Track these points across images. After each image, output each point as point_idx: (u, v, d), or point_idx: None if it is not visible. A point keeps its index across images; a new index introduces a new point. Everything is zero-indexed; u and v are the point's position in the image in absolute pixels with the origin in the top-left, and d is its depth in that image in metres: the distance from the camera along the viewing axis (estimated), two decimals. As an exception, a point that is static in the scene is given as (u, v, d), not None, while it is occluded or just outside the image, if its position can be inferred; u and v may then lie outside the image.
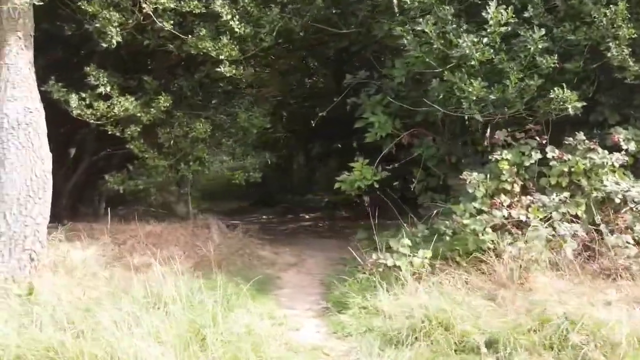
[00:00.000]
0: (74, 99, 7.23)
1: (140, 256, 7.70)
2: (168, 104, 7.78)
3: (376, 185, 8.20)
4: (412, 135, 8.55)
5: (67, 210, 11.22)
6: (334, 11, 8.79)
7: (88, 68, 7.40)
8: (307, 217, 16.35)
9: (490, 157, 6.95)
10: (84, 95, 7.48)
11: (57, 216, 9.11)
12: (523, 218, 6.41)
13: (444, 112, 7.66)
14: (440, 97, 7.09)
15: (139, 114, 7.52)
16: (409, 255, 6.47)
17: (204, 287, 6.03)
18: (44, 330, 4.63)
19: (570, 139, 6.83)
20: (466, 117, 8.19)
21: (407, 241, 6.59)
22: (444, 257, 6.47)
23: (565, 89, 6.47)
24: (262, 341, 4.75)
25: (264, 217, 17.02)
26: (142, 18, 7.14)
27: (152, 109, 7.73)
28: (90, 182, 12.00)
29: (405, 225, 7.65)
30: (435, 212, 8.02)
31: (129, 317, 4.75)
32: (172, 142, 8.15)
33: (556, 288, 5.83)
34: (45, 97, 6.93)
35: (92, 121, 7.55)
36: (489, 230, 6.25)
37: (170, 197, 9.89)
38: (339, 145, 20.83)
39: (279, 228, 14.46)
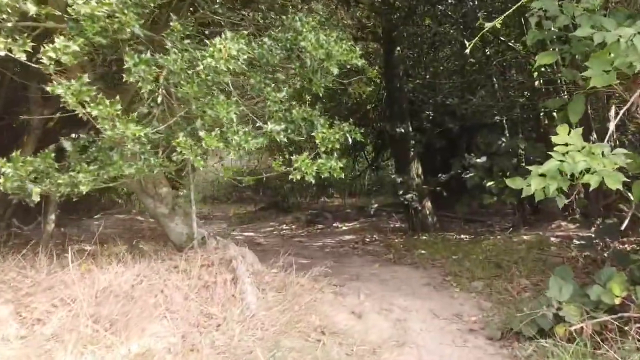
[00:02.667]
0: None
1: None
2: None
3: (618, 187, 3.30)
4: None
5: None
6: None
7: None
8: (343, 228, 11.48)
9: None
10: None
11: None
12: None
13: None
14: None
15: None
16: None
17: None
18: None
19: None
20: None
21: None
22: None
23: None
24: None
25: (284, 227, 12.20)
26: None
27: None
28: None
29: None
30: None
31: None
32: (160, 87, 3.22)
33: None
34: None
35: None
36: None
37: (159, 205, 4.93)
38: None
39: (313, 245, 9.65)
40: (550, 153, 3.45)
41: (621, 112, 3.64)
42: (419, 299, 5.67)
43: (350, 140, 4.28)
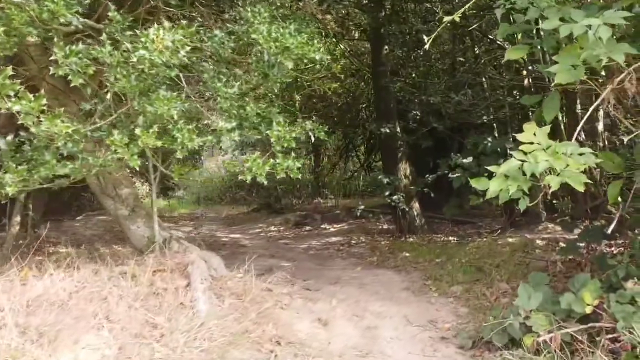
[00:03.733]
0: None
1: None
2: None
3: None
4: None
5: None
6: None
7: None
8: (331, 229, 11.23)
9: None
10: None
11: None
12: None
13: None
14: None
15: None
16: None
17: None
18: None
19: None
20: None
21: None
22: None
23: None
24: None
25: (272, 228, 11.95)
26: None
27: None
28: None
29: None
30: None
31: None
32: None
33: None
34: None
35: None
36: None
37: (119, 207, 4.71)
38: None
39: (298, 247, 9.41)
40: (512, 152, 3.23)
41: (591, 108, 3.38)
42: (395, 304, 5.43)
43: (313, 139, 4.04)
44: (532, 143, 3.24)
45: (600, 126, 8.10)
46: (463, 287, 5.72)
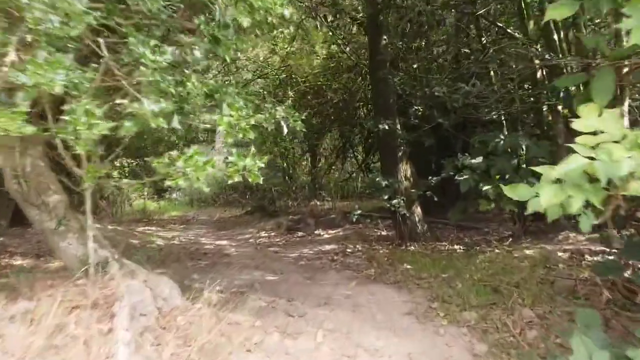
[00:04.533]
0: None
1: None
2: None
3: None
4: None
5: None
6: None
7: None
8: (325, 236, 10.12)
9: None
10: None
11: None
12: None
13: None
14: None
15: None
16: None
17: None
18: None
19: None
20: None
21: None
22: None
23: None
24: None
25: (263, 234, 10.86)
26: None
27: None
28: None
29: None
30: None
31: None
32: None
33: None
34: None
35: None
36: None
37: (46, 218, 3.62)
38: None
39: (288, 256, 8.31)
40: (571, 145, 2.10)
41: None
42: (396, 335, 4.32)
43: (285, 129, 2.93)
44: (594, 133, 2.13)
45: (626, 122, 7.01)
46: (478, 314, 4.60)
